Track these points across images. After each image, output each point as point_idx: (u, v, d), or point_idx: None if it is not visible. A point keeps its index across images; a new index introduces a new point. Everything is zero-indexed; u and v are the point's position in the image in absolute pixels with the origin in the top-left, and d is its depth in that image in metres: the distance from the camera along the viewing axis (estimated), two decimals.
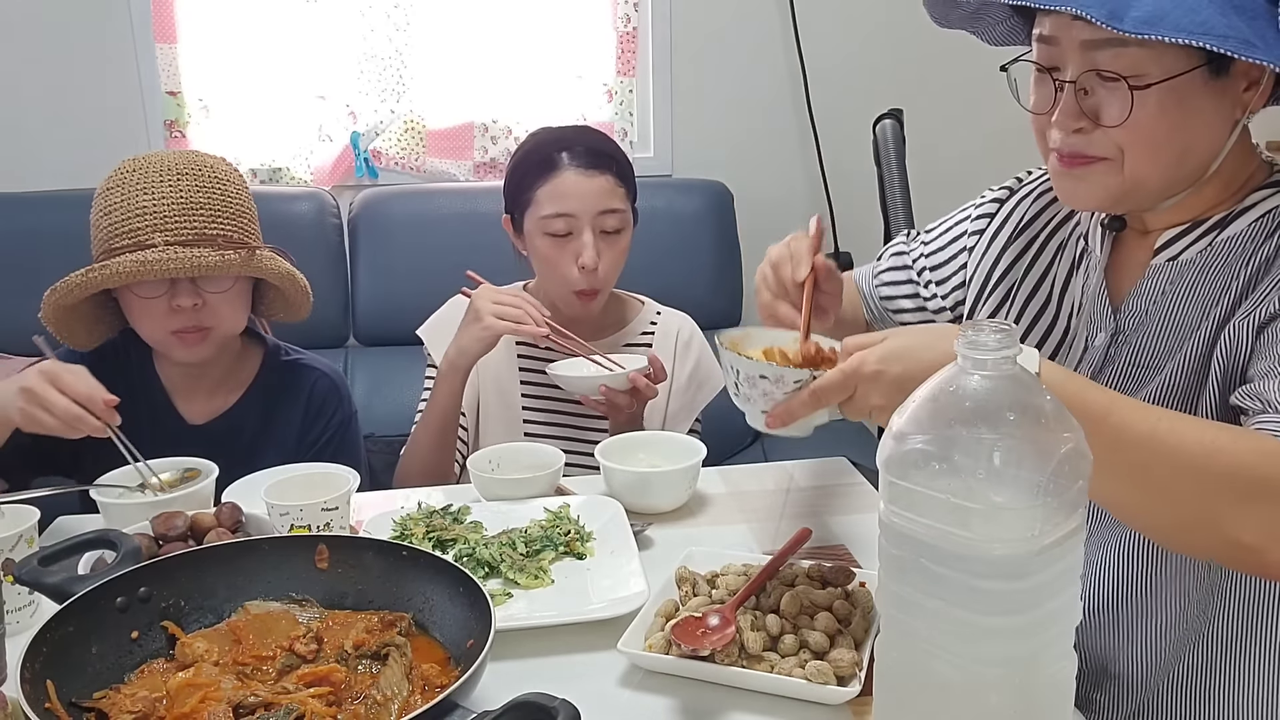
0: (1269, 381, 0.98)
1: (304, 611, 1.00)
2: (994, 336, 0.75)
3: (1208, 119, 1.03)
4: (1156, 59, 0.98)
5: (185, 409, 1.62)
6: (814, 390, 1.00)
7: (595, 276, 1.65)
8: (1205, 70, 0.99)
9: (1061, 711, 0.81)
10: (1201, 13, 0.92)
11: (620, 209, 1.66)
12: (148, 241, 1.44)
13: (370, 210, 2.64)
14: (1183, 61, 0.98)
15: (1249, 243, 1.08)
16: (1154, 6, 0.93)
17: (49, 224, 1.53)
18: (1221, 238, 1.09)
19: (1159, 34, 0.92)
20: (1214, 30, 0.92)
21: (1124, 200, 1.10)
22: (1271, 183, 1.10)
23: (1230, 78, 1.01)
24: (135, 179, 1.48)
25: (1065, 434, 0.75)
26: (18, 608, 1.08)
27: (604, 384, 1.56)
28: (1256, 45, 0.93)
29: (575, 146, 1.66)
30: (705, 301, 1.99)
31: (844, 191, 2.93)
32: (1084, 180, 1.08)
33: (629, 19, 2.82)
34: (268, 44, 2.69)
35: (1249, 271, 1.06)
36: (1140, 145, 1.03)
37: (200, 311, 1.51)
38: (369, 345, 2.66)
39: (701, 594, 1.07)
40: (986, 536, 0.74)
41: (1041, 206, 1.30)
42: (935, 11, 1.19)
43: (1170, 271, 1.12)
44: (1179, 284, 1.11)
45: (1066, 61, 1.03)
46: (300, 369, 1.69)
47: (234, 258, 1.48)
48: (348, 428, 1.70)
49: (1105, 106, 1.02)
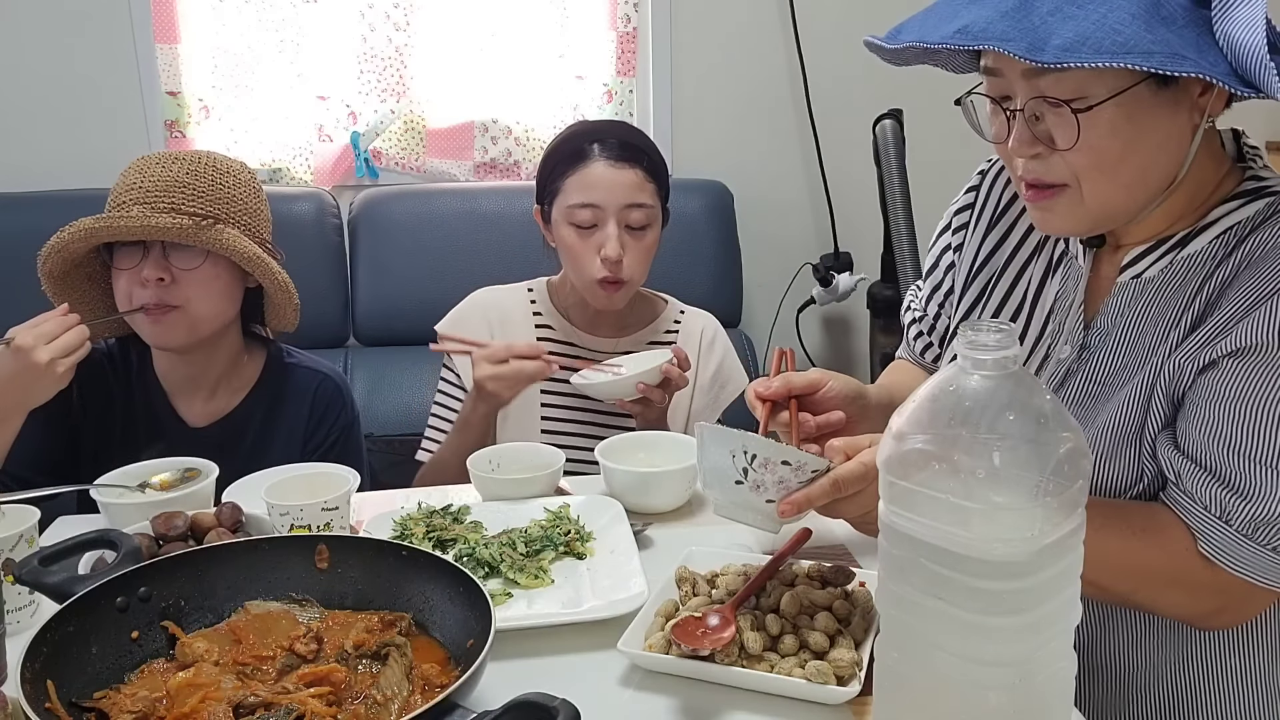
0: (1189, 446, 1.01)
1: (304, 611, 1.00)
2: (994, 336, 0.75)
3: (1164, 131, 1.00)
4: (1098, 79, 0.95)
5: (186, 412, 1.62)
6: (835, 479, 0.99)
7: (619, 268, 1.64)
8: (1150, 83, 0.96)
9: (1061, 711, 0.81)
10: (1124, 32, 0.89)
11: (647, 204, 1.65)
12: (124, 210, 1.47)
13: (370, 210, 2.64)
14: (1125, 78, 0.95)
15: (1208, 261, 1.06)
16: (1075, 32, 0.90)
17: (49, 224, 1.52)
18: (1182, 255, 1.07)
19: (1079, 60, 0.89)
20: (1138, 48, 0.89)
21: (1100, 225, 1.08)
22: (1239, 193, 1.06)
23: (1180, 86, 0.98)
24: (139, 165, 1.52)
25: (1065, 434, 0.75)
26: (18, 608, 1.08)
27: (641, 382, 1.56)
28: (1187, 57, 0.89)
29: (607, 139, 1.65)
30: (705, 301, 1.98)
31: (844, 191, 2.93)
32: (1051, 211, 1.06)
33: (629, 19, 2.82)
34: (268, 44, 2.69)
35: (1205, 294, 1.04)
36: (1096, 169, 1.00)
37: (167, 289, 1.49)
38: (369, 345, 2.66)
39: (701, 594, 1.07)
40: (986, 536, 0.74)
41: (1012, 195, 1.26)
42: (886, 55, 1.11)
43: (1135, 289, 1.10)
44: (1141, 303, 1.09)
45: (1014, 91, 1.01)
46: (303, 372, 1.68)
47: (186, 223, 1.46)
48: (350, 432, 1.70)
49: (1055, 131, 1.00)
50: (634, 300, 1.78)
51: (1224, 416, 0.99)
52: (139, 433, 1.56)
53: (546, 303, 1.79)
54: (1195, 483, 1.01)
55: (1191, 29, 0.92)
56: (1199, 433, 1.01)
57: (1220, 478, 0.99)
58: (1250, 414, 0.98)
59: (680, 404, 1.74)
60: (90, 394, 1.57)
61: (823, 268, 2.90)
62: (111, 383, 1.60)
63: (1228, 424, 0.99)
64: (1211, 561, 1.00)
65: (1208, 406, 1.00)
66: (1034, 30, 0.91)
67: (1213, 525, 1.00)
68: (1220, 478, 0.99)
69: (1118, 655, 1.15)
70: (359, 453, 1.71)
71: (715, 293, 2.66)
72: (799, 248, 2.99)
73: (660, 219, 1.70)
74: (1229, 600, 1.03)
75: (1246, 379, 0.98)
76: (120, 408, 1.59)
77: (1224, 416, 0.99)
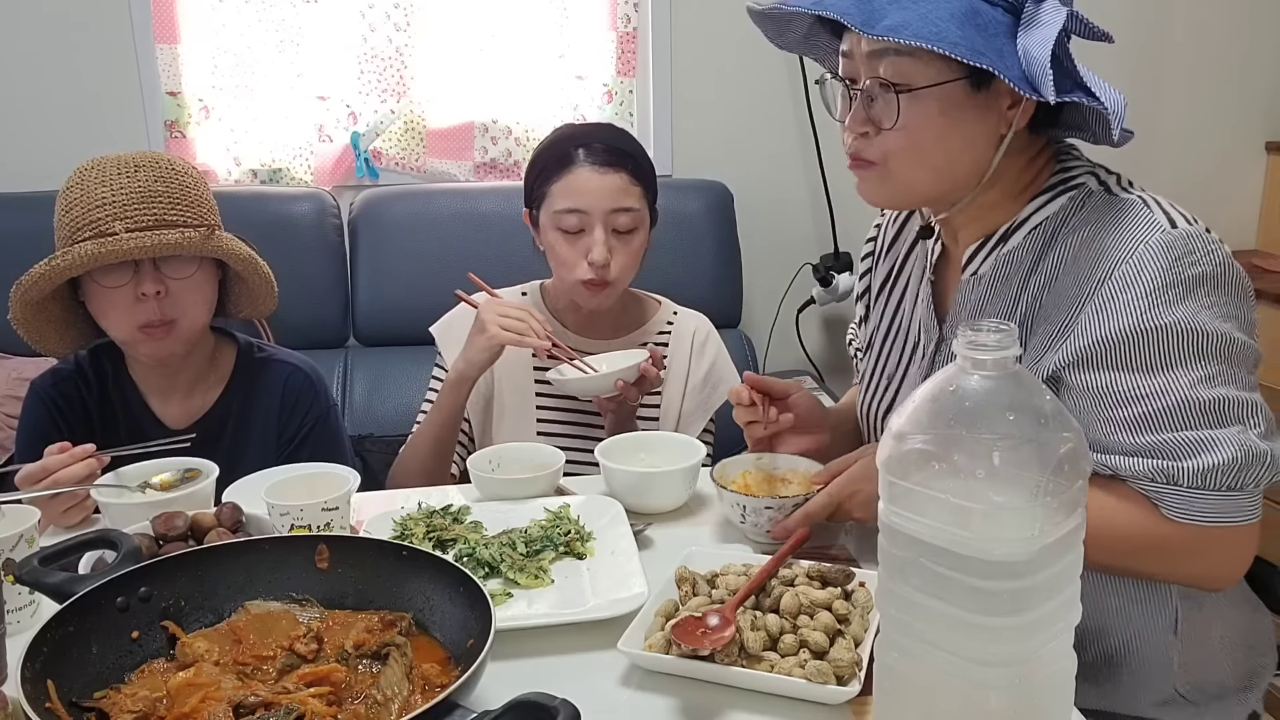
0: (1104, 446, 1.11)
1: (304, 611, 1.00)
2: (994, 337, 0.75)
3: (972, 130, 1.15)
4: (923, 69, 1.11)
5: (164, 414, 1.61)
6: (806, 511, 1.23)
7: (605, 272, 1.64)
8: (966, 83, 1.12)
9: (1061, 711, 0.81)
10: (939, 26, 1.06)
11: (634, 208, 1.65)
12: (108, 230, 1.44)
13: (370, 210, 2.64)
14: (945, 73, 1.11)
15: (1027, 256, 1.19)
16: (901, 19, 1.07)
17: (49, 224, 1.52)
18: (1005, 251, 1.21)
19: (897, 37, 1.06)
20: (945, 39, 1.05)
21: (907, 201, 1.29)
22: (1048, 188, 1.19)
23: (992, 93, 1.13)
24: (93, 175, 1.48)
25: (1065, 434, 0.75)
26: (18, 608, 1.08)
27: (620, 379, 1.56)
28: (984, 54, 1.06)
29: (593, 144, 1.66)
30: (705, 301, 1.99)
31: (844, 191, 2.93)
32: (865, 181, 1.22)
33: (629, 19, 2.82)
34: (268, 44, 2.69)
35: (1030, 291, 1.18)
36: (906, 150, 1.15)
37: (164, 302, 1.49)
38: (369, 345, 2.65)
39: (701, 594, 1.07)
40: (986, 536, 0.74)
41: (899, 226, 1.44)
42: (769, 31, 1.29)
43: (973, 286, 1.24)
44: (977, 298, 1.23)
45: (859, 73, 1.16)
46: (273, 365, 1.68)
47: (194, 235, 1.47)
48: (325, 421, 1.68)
49: (882, 112, 1.15)
50: (627, 302, 1.78)
51: (1122, 415, 1.10)
52: (121, 440, 1.55)
53: (540, 305, 1.79)
54: (1131, 467, 1.09)
55: (1000, 38, 1.09)
56: (1107, 435, 1.11)
57: (1150, 454, 1.09)
58: (1141, 402, 1.08)
59: (672, 404, 1.74)
60: (70, 419, 1.57)
61: (823, 268, 2.90)
62: (86, 397, 1.59)
63: (1128, 417, 1.09)
64: (1180, 523, 1.08)
65: (1097, 408, 1.11)
66: (872, 12, 1.09)
67: (1165, 491, 1.08)
68: (1150, 454, 1.09)
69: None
70: (338, 443, 1.70)
71: (715, 293, 2.65)
72: (799, 248, 2.98)
73: (648, 221, 1.70)
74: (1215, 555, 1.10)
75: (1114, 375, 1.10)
76: (98, 418, 1.59)
77: (1122, 415, 1.10)
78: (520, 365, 1.75)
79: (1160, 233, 1.10)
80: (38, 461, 1.30)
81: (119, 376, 1.61)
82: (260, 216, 2.50)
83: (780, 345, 3.01)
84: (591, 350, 1.72)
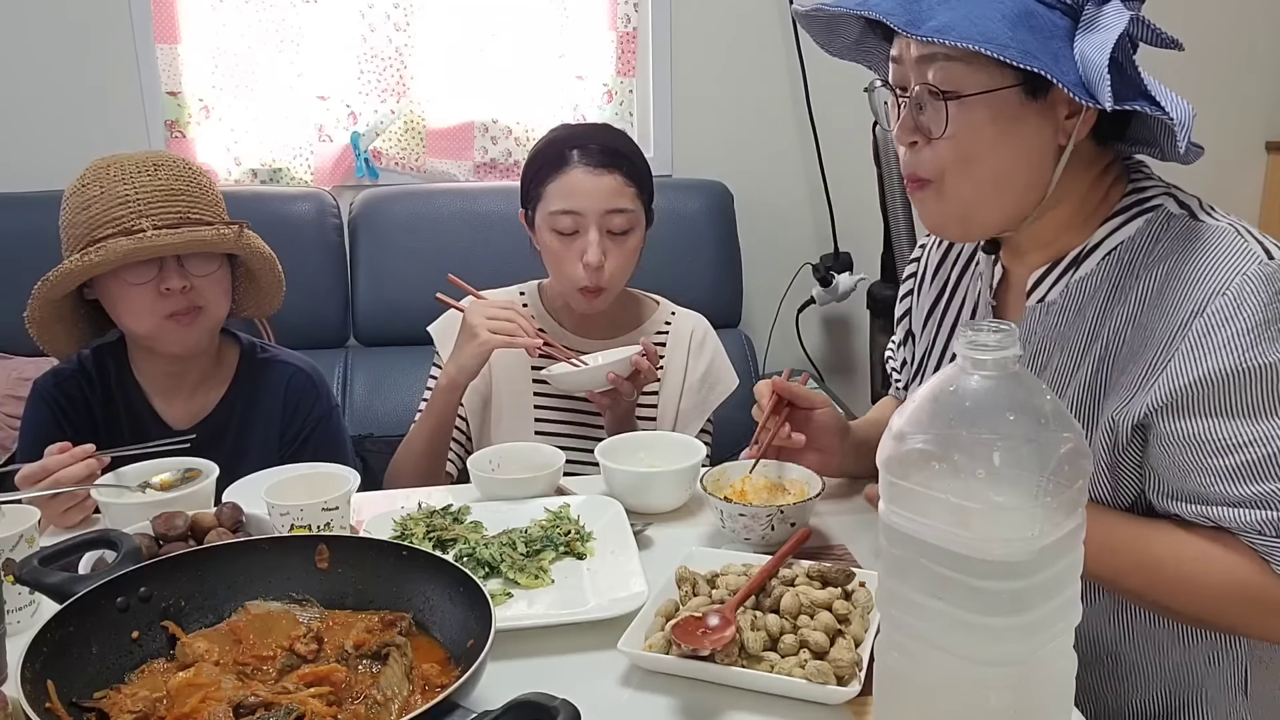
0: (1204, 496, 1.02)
1: (304, 611, 1.00)
2: (994, 336, 0.75)
3: (1027, 142, 1.05)
4: (973, 75, 1.02)
5: (167, 414, 1.61)
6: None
7: (600, 274, 1.64)
8: (1020, 91, 1.03)
9: (1061, 711, 0.81)
10: (990, 27, 0.98)
11: (628, 209, 1.65)
12: (135, 227, 1.44)
13: (370, 210, 2.64)
14: (997, 79, 1.02)
15: (1102, 283, 1.09)
16: (949, 19, 0.99)
17: (49, 224, 1.52)
18: (1076, 278, 1.11)
19: (944, 38, 0.98)
20: (996, 41, 0.97)
21: (966, 225, 1.13)
22: (1120, 209, 1.10)
23: (1050, 102, 1.04)
24: (111, 173, 1.49)
25: (1065, 434, 0.75)
26: (18, 608, 1.08)
27: (612, 372, 1.56)
28: (1037, 57, 0.97)
29: (588, 145, 1.65)
30: (705, 301, 1.99)
31: (844, 191, 2.93)
32: (922, 204, 1.13)
33: (629, 19, 2.82)
34: (268, 44, 2.69)
35: (1115, 320, 1.07)
36: (957, 163, 1.06)
37: (189, 295, 1.50)
38: (369, 345, 2.66)
39: (701, 594, 1.07)
40: (986, 536, 0.74)
41: (944, 250, 1.35)
42: (818, 36, 1.22)
43: (1041, 314, 1.14)
44: (1048, 327, 1.13)
45: (909, 79, 1.08)
46: (275, 365, 1.68)
47: (228, 233, 1.49)
48: (327, 422, 1.68)
49: (931, 120, 1.07)
50: (625, 302, 1.78)
51: (1224, 464, 1.01)
52: (123, 440, 1.55)
53: (538, 305, 1.79)
54: (1237, 519, 1.01)
55: (1056, 41, 1.00)
56: (1208, 485, 1.02)
57: (1258, 505, 1.00)
58: (1246, 450, 1.00)
59: (669, 404, 1.74)
60: (73, 419, 1.57)
61: (823, 268, 2.90)
62: (89, 397, 1.59)
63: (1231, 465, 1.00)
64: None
65: (1195, 457, 1.02)
66: (919, 12, 1.01)
67: (1276, 545, 1.00)
68: (1258, 505, 1.00)
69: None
70: (340, 444, 1.70)
71: (715, 293, 2.66)
72: (799, 248, 2.99)
73: (644, 222, 1.70)
74: None
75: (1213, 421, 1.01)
76: (102, 418, 1.59)
77: (1224, 464, 1.01)
78: (517, 365, 1.75)
79: (1257, 264, 1.00)
80: (38, 461, 1.30)
81: (122, 376, 1.61)
82: (260, 216, 2.46)
83: (780, 345, 3.01)
84: (589, 350, 1.72)
